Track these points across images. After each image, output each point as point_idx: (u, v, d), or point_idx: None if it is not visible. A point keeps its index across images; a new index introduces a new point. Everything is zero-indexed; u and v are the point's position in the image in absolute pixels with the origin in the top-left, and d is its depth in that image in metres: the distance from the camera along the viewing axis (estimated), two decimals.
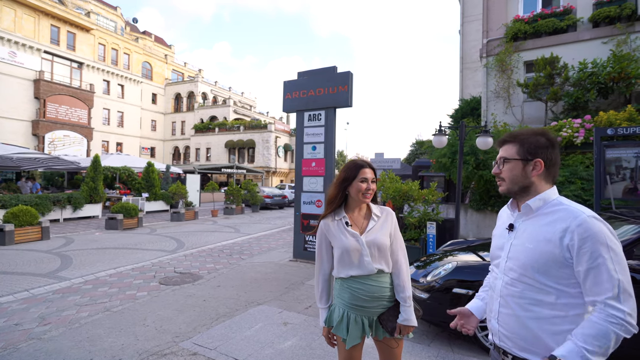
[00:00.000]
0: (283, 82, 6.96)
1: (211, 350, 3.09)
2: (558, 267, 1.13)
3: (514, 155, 1.26)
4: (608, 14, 9.08)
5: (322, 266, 1.78)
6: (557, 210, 1.19)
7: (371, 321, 1.70)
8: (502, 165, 1.29)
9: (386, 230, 1.72)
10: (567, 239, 1.11)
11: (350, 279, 1.69)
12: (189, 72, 43.59)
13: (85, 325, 3.63)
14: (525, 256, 1.19)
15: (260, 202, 18.65)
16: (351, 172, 1.70)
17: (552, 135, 1.25)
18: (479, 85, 13.41)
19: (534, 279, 1.16)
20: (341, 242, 1.67)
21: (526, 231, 1.23)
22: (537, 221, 1.22)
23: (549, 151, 1.22)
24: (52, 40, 27.05)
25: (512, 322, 1.21)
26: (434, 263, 3.73)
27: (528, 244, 1.20)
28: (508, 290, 1.23)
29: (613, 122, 7.28)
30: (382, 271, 1.69)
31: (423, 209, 6.07)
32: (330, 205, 1.74)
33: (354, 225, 1.71)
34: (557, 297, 1.13)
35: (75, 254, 7.17)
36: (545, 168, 1.22)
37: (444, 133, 5.88)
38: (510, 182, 1.27)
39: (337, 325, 1.69)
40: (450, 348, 3.17)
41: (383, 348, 1.75)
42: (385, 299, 1.70)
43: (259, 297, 4.56)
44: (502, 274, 1.28)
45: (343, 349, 1.70)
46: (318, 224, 1.80)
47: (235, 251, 7.84)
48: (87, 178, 13.48)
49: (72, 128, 27.34)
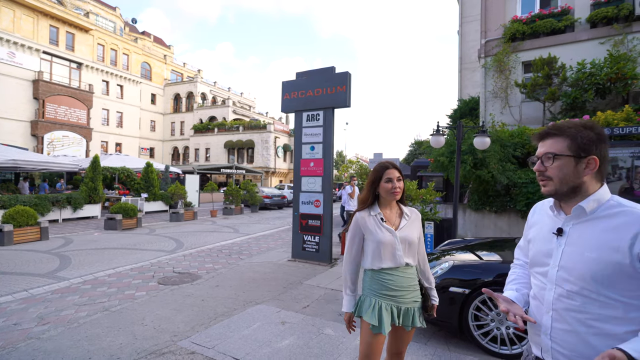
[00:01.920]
0: (282, 82, 6.98)
1: (209, 349, 3.10)
2: (626, 278, 1.01)
3: (565, 151, 1.11)
4: (605, 15, 9.12)
5: (354, 256, 1.94)
6: (619, 212, 1.06)
7: (399, 310, 1.85)
8: (550, 161, 1.13)
9: (415, 228, 1.93)
10: (637, 246, 0.99)
11: (380, 270, 1.85)
12: (188, 73, 43.60)
13: (83, 325, 3.64)
14: (585, 266, 1.06)
15: (259, 203, 18.66)
16: (377, 174, 1.89)
17: (601, 129, 1.13)
18: (477, 86, 13.45)
19: (597, 292, 1.04)
20: (377, 236, 1.84)
21: (582, 237, 1.09)
22: (593, 225, 1.08)
23: (602, 146, 1.10)
24: (51, 41, 27.04)
25: (571, 339, 1.08)
26: (431, 262, 3.75)
27: (588, 253, 1.06)
28: (564, 303, 1.10)
29: (611, 122, 7.32)
30: (409, 264, 1.88)
31: (421, 208, 6.08)
32: (363, 205, 1.94)
33: (388, 221, 1.89)
34: (625, 311, 1.01)
35: (74, 254, 7.18)
36: (599, 166, 1.10)
37: (441, 133, 5.90)
38: (560, 182, 1.12)
39: (368, 313, 1.83)
40: (446, 347, 3.19)
41: (400, 335, 1.93)
42: (413, 289, 1.90)
43: (257, 297, 4.58)
44: (552, 284, 1.14)
45: (369, 336, 1.83)
46: (352, 216, 1.96)
47: (234, 251, 7.85)
48: (86, 178, 13.48)
49: (71, 128, 27.33)
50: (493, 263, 3.47)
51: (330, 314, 3.97)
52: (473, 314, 3.13)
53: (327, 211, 6.45)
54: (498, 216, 8.03)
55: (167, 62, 40.78)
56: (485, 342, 3.07)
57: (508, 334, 2.99)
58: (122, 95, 33.62)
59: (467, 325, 3.13)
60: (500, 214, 7.99)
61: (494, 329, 3.06)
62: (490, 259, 3.65)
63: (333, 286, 5.06)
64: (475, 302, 3.12)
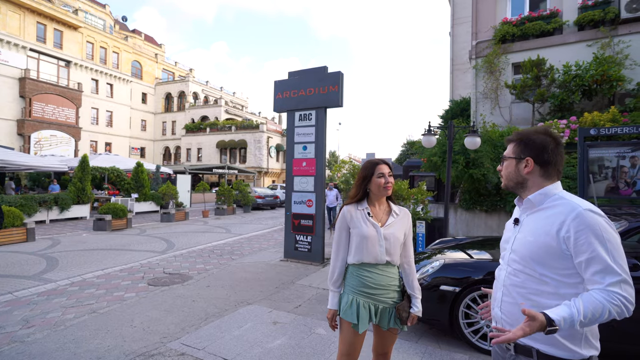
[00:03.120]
0: (274, 81, 6.95)
1: (199, 350, 3.07)
2: (556, 258, 1.17)
3: (510, 154, 1.35)
4: (592, 18, 9.29)
5: (341, 250, 1.90)
6: (557, 204, 1.23)
7: (377, 309, 1.81)
8: (503, 162, 1.39)
9: (402, 227, 1.89)
10: (563, 231, 1.16)
11: (360, 266, 1.84)
12: (180, 72, 43.18)
13: (70, 328, 3.57)
14: (526, 248, 1.25)
15: (251, 203, 18.57)
16: (369, 170, 1.87)
17: (553, 134, 1.30)
18: (468, 87, 13.59)
19: (534, 270, 1.22)
20: (361, 229, 1.82)
21: (529, 225, 1.29)
22: (539, 215, 1.27)
23: (544, 149, 1.27)
24: (38, 38, 26.52)
25: (514, 310, 1.26)
26: (422, 261, 3.77)
27: (529, 237, 1.25)
28: (511, 280, 1.29)
29: (597, 123, 7.46)
30: (390, 263, 1.85)
31: (412, 208, 6.11)
32: (352, 200, 1.91)
33: (375, 217, 1.87)
34: (556, 287, 1.18)
35: (61, 256, 7.04)
36: (537, 165, 1.28)
37: (433, 133, 5.95)
38: (506, 179, 1.37)
39: (346, 310, 1.80)
40: (437, 345, 3.20)
41: (383, 336, 1.89)
42: (391, 289, 1.85)
43: (249, 297, 4.54)
44: (505, 265, 1.34)
45: (348, 334, 1.80)
46: (340, 210, 1.94)
47: (225, 251, 7.79)
48: (75, 178, 13.25)
49: (59, 128, 26.83)
50: (483, 261, 3.50)
51: (322, 313, 3.96)
52: (463, 312, 3.15)
53: (319, 211, 6.44)
54: (489, 215, 8.12)
55: (158, 60, 40.32)
56: (475, 340, 3.10)
57: None
58: (112, 94, 33.13)
59: (458, 323, 3.15)
60: (490, 213, 8.08)
61: (483, 327, 3.08)
62: (480, 257, 3.68)
63: (325, 286, 5.05)
64: (465, 300, 3.14)
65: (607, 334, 2.71)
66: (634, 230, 2.92)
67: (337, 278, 1.90)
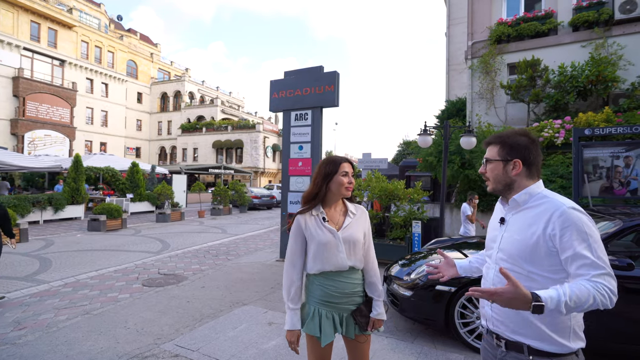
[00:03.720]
0: (270, 81, 6.92)
1: (193, 351, 3.04)
2: (543, 255, 1.20)
3: (495, 156, 1.35)
4: (587, 19, 9.36)
5: (296, 263, 1.73)
6: (542, 203, 1.26)
7: (342, 318, 1.69)
8: (486, 165, 1.38)
9: (361, 227, 1.75)
10: (549, 229, 1.19)
11: (321, 275, 1.69)
12: (176, 71, 42.97)
13: (63, 329, 3.53)
14: (514, 247, 1.27)
15: (248, 203, 18.51)
16: (332, 167, 1.70)
17: (532, 135, 1.34)
18: (464, 87, 13.63)
19: (522, 268, 1.24)
20: (318, 237, 1.66)
21: (515, 224, 1.31)
22: (524, 214, 1.29)
23: (528, 150, 1.30)
24: (32, 37, 26.26)
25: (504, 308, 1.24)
26: (418, 261, 3.76)
27: (516, 236, 1.27)
28: (500, 278, 1.28)
29: (591, 123, 7.51)
30: (353, 268, 1.71)
31: (409, 208, 6.12)
32: (311, 201, 1.72)
33: (331, 221, 1.71)
34: (543, 283, 1.20)
35: (55, 257, 6.97)
36: (524, 166, 1.30)
37: (428, 133, 5.95)
38: (494, 181, 1.37)
39: (309, 323, 1.66)
40: (433, 345, 3.20)
41: (352, 345, 1.75)
42: (356, 295, 1.72)
43: (245, 298, 4.52)
44: (494, 263, 1.35)
45: (315, 348, 1.67)
46: (293, 220, 1.75)
47: (221, 252, 7.75)
48: (69, 178, 13.13)
49: (53, 127, 26.59)
50: None
51: None
52: (459, 312, 3.15)
53: None
54: (484, 215, 8.15)
55: (153, 60, 40.09)
56: (471, 340, 3.09)
57: None
58: (107, 94, 32.88)
59: (454, 322, 3.15)
60: (486, 213, 8.10)
61: (479, 326, 3.08)
62: None
63: None
64: (461, 300, 3.14)
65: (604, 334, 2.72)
66: (628, 229, 2.93)
67: (294, 294, 1.70)
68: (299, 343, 1.69)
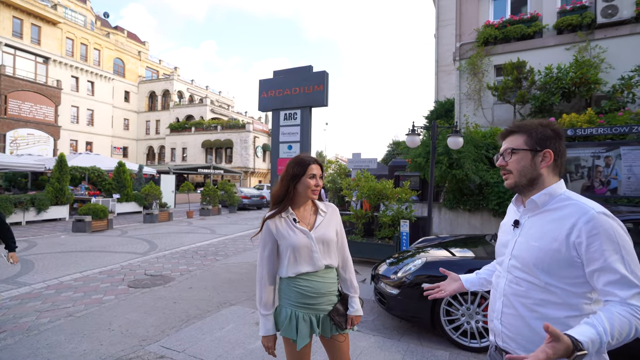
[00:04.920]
0: (259, 80, 6.89)
1: (179, 352, 3.00)
2: (564, 266, 1.07)
3: (522, 146, 1.18)
4: (570, 22, 9.58)
5: (268, 268, 1.69)
6: (565, 205, 1.11)
7: (318, 319, 1.67)
8: (510, 156, 1.20)
9: (333, 225, 1.73)
10: (573, 236, 1.04)
11: (297, 277, 1.65)
12: (165, 70, 42.40)
13: (44, 332, 3.44)
14: (530, 254, 1.13)
15: (237, 203, 18.39)
16: (300, 168, 1.66)
17: (558, 127, 1.20)
18: (453, 88, 13.80)
19: (539, 278, 1.10)
20: (290, 239, 1.63)
21: (532, 228, 1.16)
22: (543, 217, 1.15)
23: (557, 142, 1.17)
24: (14, 33, 25.58)
25: (516, 322, 1.15)
26: (406, 260, 3.79)
27: (533, 242, 1.13)
28: (512, 289, 1.17)
29: (575, 124, 7.68)
30: (328, 267, 1.69)
31: (397, 207, 6.17)
32: (278, 203, 1.69)
33: (302, 221, 1.69)
34: (564, 297, 1.07)
35: (37, 258, 6.80)
36: (554, 160, 1.16)
37: (417, 133, 6.01)
38: (519, 175, 1.19)
39: (286, 327, 1.63)
40: (419, 342, 3.23)
41: (331, 345, 1.73)
42: (332, 294, 1.70)
43: (232, 298, 4.48)
44: (505, 272, 1.21)
45: (293, 351, 1.65)
46: (262, 224, 1.70)
47: (210, 252, 7.68)
48: (52, 178, 12.82)
49: (36, 126, 25.92)
50: (465, 259, 3.55)
51: None
52: (445, 309, 3.19)
53: None
54: (472, 214, 8.27)
55: (141, 58, 39.50)
56: (456, 337, 3.13)
57: (477, 327, 3.07)
58: (93, 92, 32.25)
59: (439, 320, 3.18)
60: (473, 212, 8.22)
61: (464, 324, 3.13)
62: (462, 255, 3.73)
63: None
64: (446, 298, 3.18)
65: None
66: None
67: (267, 299, 1.67)
68: (276, 347, 1.68)
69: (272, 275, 1.71)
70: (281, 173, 1.75)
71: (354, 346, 3.02)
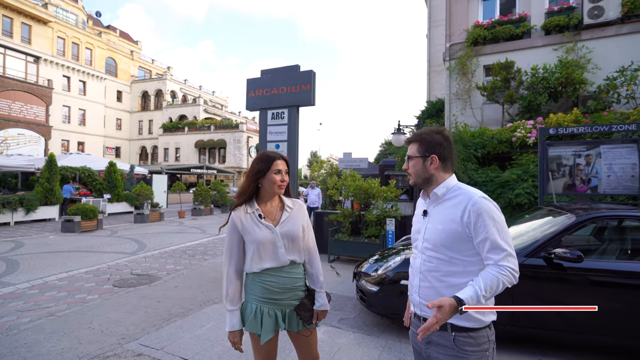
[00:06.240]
0: (246, 79, 6.89)
1: (157, 350, 3.00)
2: (462, 242, 1.34)
3: (415, 153, 1.47)
4: (558, 23, 9.69)
5: (234, 262, 1.70)
6: (458, 194, 1.40)
7: (284, 314, 1.68)
8: (408, 162, 1.50)
9: (299, 221, 1.73)
10: (465, 217, 1.33)
11: (262, 272, 1.66)
12: (158, 70, 42.14)
13: (24, 331, 3.42)
14: (437, 236, 1.39)
15: (230, 203, 18.33)
16: (264, 164, 1.67)
17: (446, 133, 1.48)
18: (444, 88, 13.90)
19: (444, 254, 1.37)
20: (255, 235, 1.63)
21: (436, 215, 1.43)
22: (444, 205, 1.43)
23: (442, 147, 1.44)
24: (4, 32, 25.27)
25: (431, 293, 1.40)
26: (390, 257, 3.82)
27: (438, 225, 1.40)
28: (425, 266, 1.43)
29: (561, 124, 7.78)
30: (294, 262, 1.71)
31: (381, 205, 6.20)
32: (241, 197, 1.71)
33: (267, 217, 1.70)
34: (464, 266, 1.35)
35: (23, 258, 6.74)
36: (440, 162, 1.43)
37: (402, 132, 6.05)
38: (415, 176, 1.48)
39: (251, 322, 1.64)
40: (398, 339, 3.26)
41: (299, 340, 1.75)
42: (298, 290, 1.72)
43: (216, 296, 4.48)
44: (420, 253, 1.47)
45: (258, 346, 1.66)
46: (228, 218, 1.71)
47: (198, 252, 7.66)
48: (42, 179, 12.69)
49: (27, 126, 25.63)
50: None
51: None
52: None
53: None
54: None
55: (134, 58, 39.22)
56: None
57: None
58: (85, 92, 31.96)
59: None
60: None
61: None
62: None
63: None
64: None
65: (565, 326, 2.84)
66: (581, 223, 3.06)
67: (232, 294, 1.67)
68: (242, 342, 1.69)
69: (238, 271, 1.71)
70: (247, 169, 1.75)
71: (332, 343, 3.04)
